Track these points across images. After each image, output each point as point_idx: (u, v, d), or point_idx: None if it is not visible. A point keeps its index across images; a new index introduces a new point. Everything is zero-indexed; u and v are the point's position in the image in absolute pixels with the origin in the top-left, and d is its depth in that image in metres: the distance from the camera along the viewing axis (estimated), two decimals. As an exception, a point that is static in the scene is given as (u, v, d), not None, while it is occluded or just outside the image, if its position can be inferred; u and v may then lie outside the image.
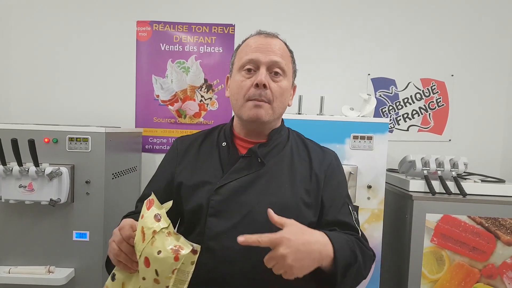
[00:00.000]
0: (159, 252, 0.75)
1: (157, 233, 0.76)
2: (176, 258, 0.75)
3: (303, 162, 1.05)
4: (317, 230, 0.87)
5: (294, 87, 1.11)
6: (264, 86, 0.97)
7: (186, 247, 0.76)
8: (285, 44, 1.06)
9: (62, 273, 1.58)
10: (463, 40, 2.30)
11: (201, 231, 0.96)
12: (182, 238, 0.78)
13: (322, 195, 1.02)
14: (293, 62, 1.08)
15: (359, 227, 1.03)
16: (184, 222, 1.04)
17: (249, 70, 0.99)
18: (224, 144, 1.06)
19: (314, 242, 0.82)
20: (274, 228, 0.82)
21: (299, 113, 1.88)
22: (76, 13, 2.28)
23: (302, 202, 0.98)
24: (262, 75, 0.97)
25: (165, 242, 0.75)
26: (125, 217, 1.06)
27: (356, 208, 1.12)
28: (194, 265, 0.77)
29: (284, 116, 1.72)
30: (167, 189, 1.07)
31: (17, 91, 2.30)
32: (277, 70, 0.99)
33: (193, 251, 0.76)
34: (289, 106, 1.08)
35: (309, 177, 1.03)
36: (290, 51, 1.06)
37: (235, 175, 0.99)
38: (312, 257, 0.80)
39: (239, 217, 0.93)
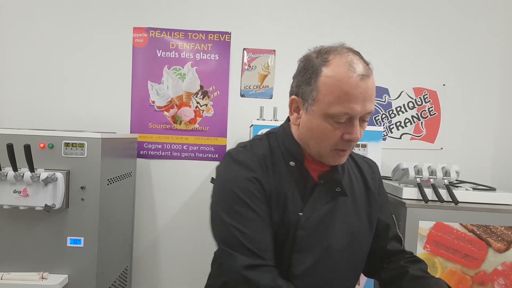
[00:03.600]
0: None
1: None
2: None
3: (358, 181, 1.01)
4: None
5: None
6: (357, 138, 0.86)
7: None
8: (372, 74, 0.88)
9: (56, 280, 1.57)
10: (455, 50, 2.35)
11: (283, 269, 0.87)
12: None
13: (379, 215, 1.02)
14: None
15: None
16: None
17: (338, 122, 0.84)
18: (292, 163, 0.92)
19: None
20: (351, 256, 0.91)
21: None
22: (72, 18, 2.28)
23: (366, 227, 0.98)
24: (358, 132, 0.84)
25: None
26: None
27: None
28: None
29: (279, 124, 1.77)
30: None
31: (12, 96, 2.29)
32: (367, 118, 0.87)
33: None
34: None
35: (367, 197, 1.00)
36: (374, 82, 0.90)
37: (317, 205, 0.91)
38: None
39: (320, 252, 0.89)
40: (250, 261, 0.82)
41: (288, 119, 1.00)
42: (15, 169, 1.51)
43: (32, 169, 1.52)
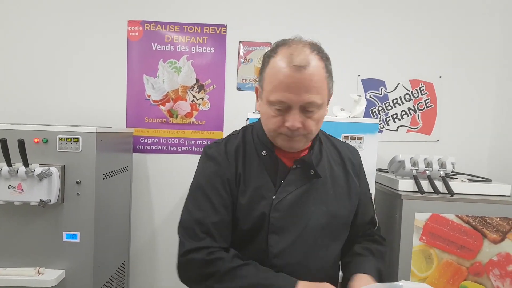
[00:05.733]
0: None
1: None
2: None
3: (338, 166, 1.05)
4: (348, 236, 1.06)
5: (330, 95, 0.99)
6: (297, 128, 0.89)
7: None
8: (322, 60, 0.90)
9: (52, 275, 1.57)
10: (451, 42, 2.35)
11: (261, 249, 0.94)
12: None
13: (360, 197, 1.07)
14: (331, 77, 0.94)
15: (377, 218, 1.14)
16: (234, 240, 0.97)
17: (278, 108, 0.89)
18: (264, 153, 0.98)
19: None
20: (330, 235, 0.97)
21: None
22: (67, 13, 2.26)
23: (348, 208, 1.03)
24: (295, 121, 0.88)
25: None
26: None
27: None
28: None
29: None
30: (230, 212, 0.96)
31: (6, 91, 2.27)
32: (311, 108, 0.89)
33: None
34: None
35: (346, 180, 1.04)
36: (326, 68, 0.91)
37: (290, 188, 0.96)
38: None
39: (298, 231, 0.94)
40: (195, 244, 0.91)
41: None
42: (9, 164, 1.50)
43: (26, 164, 1.51)
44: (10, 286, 1.54)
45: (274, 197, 0.95)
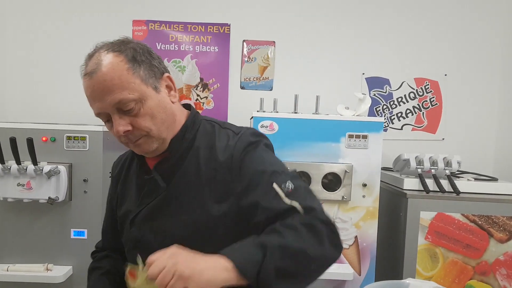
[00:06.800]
0: None
1: None
2: None
3: (209, 163, 0.86)
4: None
5: (163, 80, 0.87)
6: (127, 131, 0.81)
7: None
8: (120, 54, 0.81)
9: (60, 271, 1.59)
10: (456, 40, 2.33)
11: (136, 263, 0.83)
12: None
13: (246, 199, 0.81)
14: (144, 65, 0.83)
15: (298, 198, 0.78)
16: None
17: (106, 120, 0.84)
18: (140, 164, 0.93)
19: (203, 256, 0.71)
20: (196, 245, 0.75)
21: (295, 112, 1.90)
22: (72, 12, 2.28)
23: (213, 214, 0.84)
24: (119, 126, 0.80)
25: None
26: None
27: (293, 173, 0.87)
28: None
29: (280, 116, 1.77)
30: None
31: (14, 91, 2.30)
32: (128, 107, 0.79)
33: None
34: (173, 103, 0.87)
35: (214, 178, 0.85)
36: (126, 58, 0.81)
37: (145, 200, 0.89)
38: (205, 265, 0.68)
39: (156, 246, 0.76)
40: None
41: None
42: (18, 162, 1.53)
43: (35, 162, 1.54)
44: (19, 282, 1.57)
45: (130, 210, 0.92)
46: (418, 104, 2.34)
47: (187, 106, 0.97)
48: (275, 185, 0.79)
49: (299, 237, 0.72)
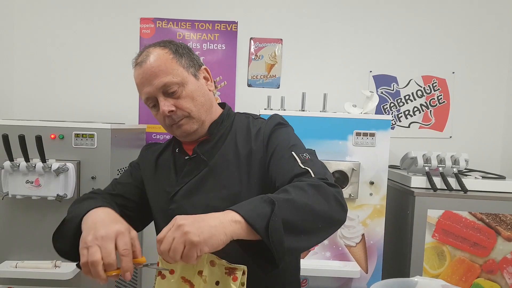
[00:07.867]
0: None
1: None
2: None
3: (246, 144, 0.99)
4: None
5: (201, 71, 1.02)
6: (171, 111, 0.93)
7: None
8: (165, 47, 0.96)
9: (68, 268, 1.60)
10: (464, 37, 2.32)
11: None
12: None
13: (270, 168, 0.93)
14: (185, 56, 0.97)
15: (313, 167, 0.87)
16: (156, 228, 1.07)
17: (153, 105, 0.96)
18: (177, 150, 1.04)
19: (209, 214, 0.74)
20: None
21: (302, 110, 1.90)
22: (80, 10, 2.29)
23: (250, 188, 0.94)
24: (165, 106, 0.93)
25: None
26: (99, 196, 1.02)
27: (312, 151, 0.97)
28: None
29: (288, 113, 1.77)
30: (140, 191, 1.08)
31: (22, 89, 2.31)
32: (172, 89, 0.93)
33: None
34: (211, 91, 1.03)
35: (250, 156, 0.96)
36: (171, 50, 0.95)
37: (186, 179, 0.99)
38: (212, 223, 0.70)
39: None
40: None
41: None
42: (27, 159, 1.53)
43: (43, 159, 1.54)
44: (28, 278, 1.59)
45: (169, 190, 0.99)
46: (425, 102, 2.33)
47: (221, 105, 1.10)
48: (293, 153, 0.91)
49: (306, 194, 0.78)
